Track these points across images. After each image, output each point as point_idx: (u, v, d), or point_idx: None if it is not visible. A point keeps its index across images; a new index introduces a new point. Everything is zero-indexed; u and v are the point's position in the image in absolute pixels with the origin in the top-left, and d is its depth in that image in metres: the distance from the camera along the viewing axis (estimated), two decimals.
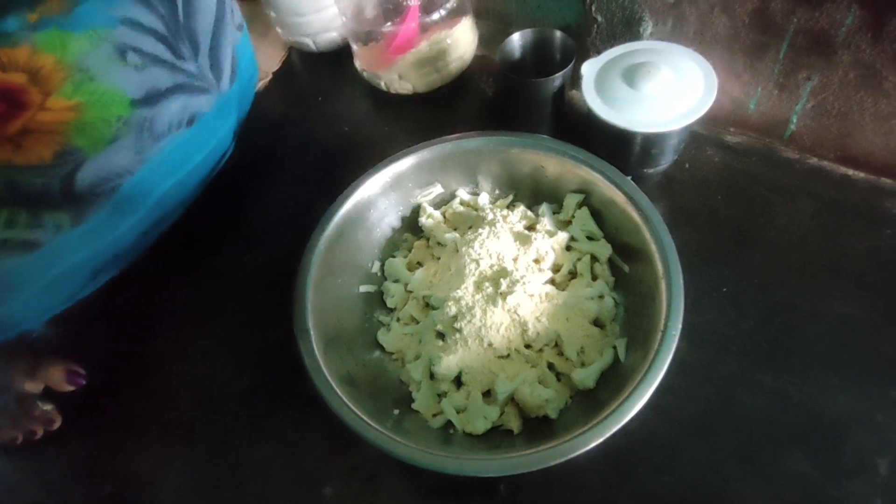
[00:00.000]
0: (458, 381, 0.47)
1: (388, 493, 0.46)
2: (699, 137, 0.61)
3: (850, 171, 0.56)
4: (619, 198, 0.49)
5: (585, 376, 0.45)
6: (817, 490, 0.42)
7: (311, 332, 0.44)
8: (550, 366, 0.47)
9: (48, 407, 0.51)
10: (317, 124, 0.71)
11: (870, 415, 0.45)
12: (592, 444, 0.38)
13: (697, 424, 0.46)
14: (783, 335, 0.49)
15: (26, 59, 0.38)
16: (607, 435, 0.38)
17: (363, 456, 0.47)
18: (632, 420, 0.39)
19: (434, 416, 0.46)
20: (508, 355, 0.46)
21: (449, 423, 0.45)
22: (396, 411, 0.45)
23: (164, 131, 0.46)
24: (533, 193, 0.55)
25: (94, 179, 0.42)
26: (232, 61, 0.52)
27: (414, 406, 0.46)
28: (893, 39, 0.46)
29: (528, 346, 0.47)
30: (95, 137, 0.42)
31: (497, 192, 0.56)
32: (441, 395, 0.47)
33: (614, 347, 0.46)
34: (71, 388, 0.51)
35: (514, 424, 0.45)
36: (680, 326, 0.42)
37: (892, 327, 0.48)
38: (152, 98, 0.44)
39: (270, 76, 0.76)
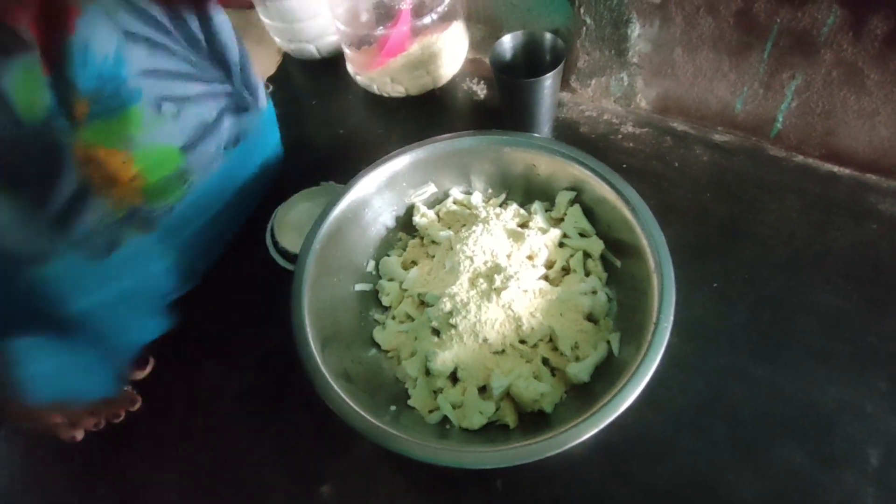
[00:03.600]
0: (453, 377, 0.47)
1: (385, 491, 0.46)
2: (688, 136, 0.62)
3: (836, 168, 0.57)
4: (610, 195, 0.50)
5: (580, 370, 0.45)
6: (810, 480, 0.43)
7: (308, 331, 0.44)
8: (545, 361, 0.47)
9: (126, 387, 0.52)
10: (311, 127, 0.71)
11: (860, 406, 0.45)
12: (587, 436, 0.39)
13: (690, 417, 0.47)
14: (773, 328, 0.49)
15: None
16: (601, 426, 0.39)
17: (360, 454, 0.48)
18: (625, 413, 0.39)
19: (430, 412, 0.46)
20: (503, 351, 0.47)
21: (445, 419, 0.46)
22: (393, 408, 0.46)
23: (218, 152, 0.49)
24: (525, 192, 0.55)
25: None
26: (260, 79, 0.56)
27: (410, 403, 0.46)
28: (874, 38, 0.47)
29: (522, 342, 0.47)
30: (168, 192, 0.46)
31: (490, 190, 0.57)
32: (437, 392, 0.47)
33: (608, 342, 0.46)
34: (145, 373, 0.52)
35: (510, 419, 0.45)
36: (672, 319, 0.42)
37: (879, 319, 0.49)
38: (199, 135, 0.48)
39: (266, 81, 0.77)
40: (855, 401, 0.46)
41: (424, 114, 0.70)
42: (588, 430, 0.39)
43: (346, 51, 0.69)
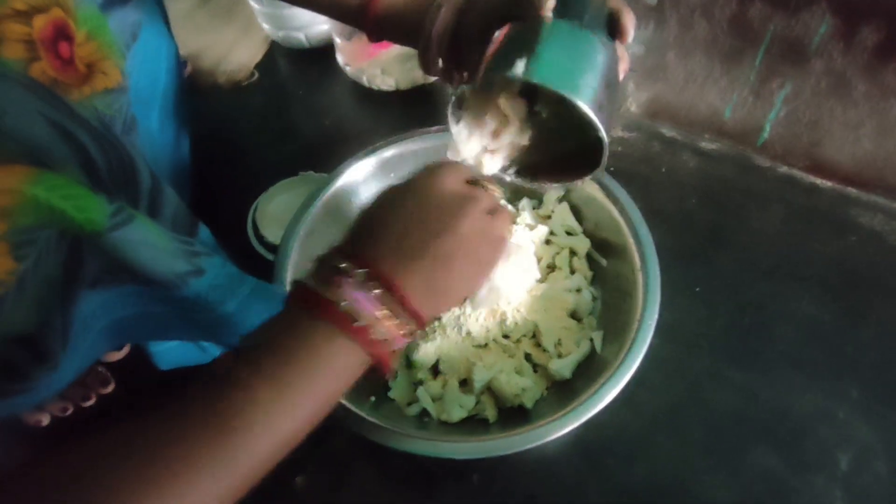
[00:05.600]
0: (434, 370, 0.47)
1: (360, 481, 0.45)
2: (676, 143, 0.62)
3: (819, 180, 0.58)
4: (598, 194, 0.50)
5: (562, 367, 0.45)
6: (782, 483, 0.44)
7: None
8: (527, 356, 0.47)
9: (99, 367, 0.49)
10: (297, 117, 0.70)
11: (832, 412, 0.46)
12: (564, 431, 0.39)
13: (667, 418, 0.47)
14: (752, 334, 0.50)
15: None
16: (579, 422, 0.39)
17: (336, 445, 0.47)
18: (604, 412, 0.39)
19: (409, 404, 0.46)
20: (486, 345, 0.47)
21: (424, 412, 0.45)
22: (373, 398, 0.45)
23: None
24: (514, 188, 0.55)
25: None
26: None
27: (390, 394, 0.46)
28: (863, 48, 0.48)
29: (506, 337, 0.47)
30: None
31: None
32: (417, 384, 0.46)
33: (591, 339, 0.46)
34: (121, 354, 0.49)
35: (490, 413, 0.45)
36: (656, 318, 0.42)
37: (854, 329, 0.50)
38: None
39: (252, 70, 0.76)
40: (828, 407, 0.46)
41: (413, 109, 0.69)
42: (566, 425, 0.39)
43: (337, 40, 0.68)
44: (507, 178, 0.41)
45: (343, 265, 0.29)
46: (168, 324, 0.39)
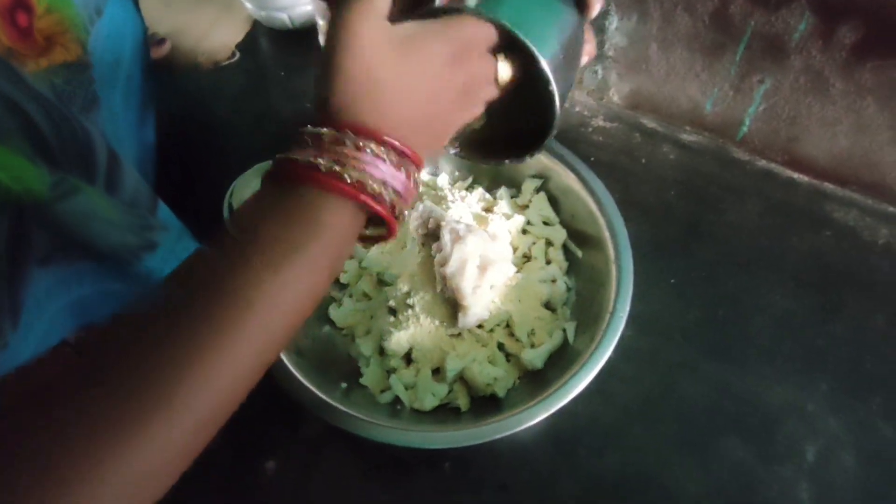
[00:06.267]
0: (407, 358, 0.47)
1: (332, 468, 0.45)
2: (657, 134, 0.62)
3: (796, 175, 0.59)
4: (576, 185, 0.50)
5: (534, 357, 0.45)
6: (749, 474, 0.44)
7: None
8: (500, 346, 0.47)
9: None
10: (278, 99, 0.69)
11: (802, 405, 0.47)
12: (536, 420, 0.39)
13: (640, 409, 0.47)
14: (726, 327, 0.50)
15: None
16: (551, 411, 0.39)
17: (308, 431, 0.46)
18: (576, 402, 0.40)
19: (382, 391, 0.45)
20: (460, 334, 0.46)
21: (397, 399, 0.45)
22: (344, 385, 0.45)
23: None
24: (492, 177, 0.55)
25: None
26: None
27: (362, 381, 0.46)
28: (842, 47, 0.48)
29: (479, 326, 0.47)
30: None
31: (457, 173, 0.56)
32: (390, 371, 0.46)
33: (564, 330, 0.46)
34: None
35: (462, 402, 0.45)
36: (627, 309, 0.43)
37: (826, 323, 0.50)
38: None
39: (233, 49, 0.74)
40: (798, 400, 0.47)
41: None
42: (538, 414, 0.39)
43: (320, 22, 0.67)
44: (451, 152, 0.39)
45: (322, 131, 0.28)
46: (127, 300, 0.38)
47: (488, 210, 0.53)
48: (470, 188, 0.54)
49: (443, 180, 0.55)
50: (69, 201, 0.29)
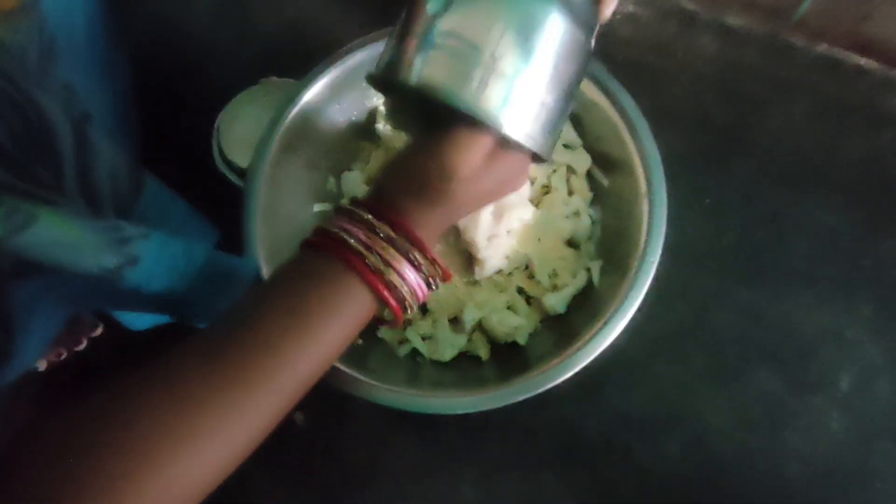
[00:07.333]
0: (423, 309, 0.45)
1: (360, 418, 0.45)
2: (696, 20, 0.53)
3: (863, 61, 0.50)
4: (602, 101, 0.43)
5: (557, 301, 0.42)
6: (780, 405, 0.43)
7: (263, 268, 0.40)
8: (520, 290, 0.44)
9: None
10: (257, 9, 0.60)
11: (840, 331, 0.44)
12: (562, 378, 0.37)
13: (668, 343, 0.45)
14: (764, 251, 0.47)
15: None
16: (579, 368, 0.37)
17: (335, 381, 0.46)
18: None
19: (400, 343, 0.44)
20: (477, 281, 0.44)
21: (416, 352, 0.44)
22: (360, 341, 0.43)
23: None
24: None
25: None
26: None
27: (379, 335, 0.44)
28: None
29: (497, 271, 0.44)
30: None
31: None
32: (406, 323, 0.44)
33: (588, 270, 0.43)
34: None
35: (483, 351, 0.43)
36: (660, 252, 0.39)
37: (876, 241, 0.46)
38: None
39: None
40: (836, 327, 0.45)
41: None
42: (564, 372, 0.37)
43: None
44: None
45: (366, 216, 0.29)
46: (119, 301, 0.35)
47: None
48: None
49: None
50: (25, 234, 0.26)
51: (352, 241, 0.28)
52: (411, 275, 0.29)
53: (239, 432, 0.26)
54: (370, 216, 0.29)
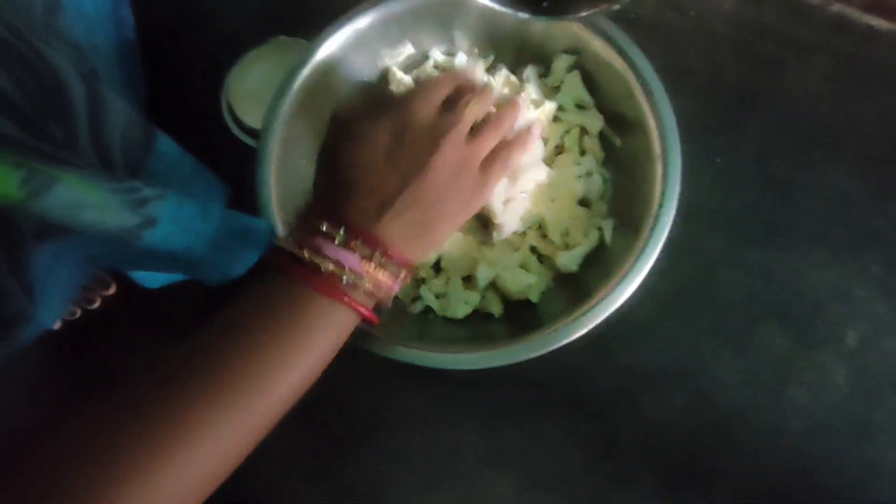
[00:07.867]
0: (436, 267, 0.45)
1: (368, 369, 0.46)
2: None
3: (875, 21, 0.50)
4: (616, 62, 0.43)
5: (569, 260, 0.43)
6: (786, 361, 0.44)
7: (278, 227, 0.40)
8: (533, 248, 0.45)
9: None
10: None
11: (849, 289, 0.45)
12: (574, 337, 0.38)
13: (677, 302, 0.46)
14: (775, 211, 0.47)
15: None
16: (591, 326, 0.38)
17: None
18: None
19: (413, 300, 0.45)
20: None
21: (428, 308, 0.45)
22: None
23: None
24: (517, 53, 0.48)
25: None
26: None
27: None
28: None
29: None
30: None
31: (476, 51, 0.49)
32: (419, 281, 0.45)
33: (600, 229, 0.44)
34: None
35: (495, 309, 0.44)
36: (673, 213, 0.39)
37: (887, 201, 0.46)
38: None
39: None
40: (845, 285, 0.45)
41: None
42: (578, 330, 0.38)
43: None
44: (524, 16, 0.37)
45: (322, 227, 0.29)
46: (137, 261, 0.36)
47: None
48: (492, 69, 0.48)
49: (461, 60, 0.48)
50: (47, 197, 0.26)
51: (323, 265, 0.29)
52: (384, 279, 0.31)
53: (220, 454, 0.27)
54: (332, 228, 0.30)
